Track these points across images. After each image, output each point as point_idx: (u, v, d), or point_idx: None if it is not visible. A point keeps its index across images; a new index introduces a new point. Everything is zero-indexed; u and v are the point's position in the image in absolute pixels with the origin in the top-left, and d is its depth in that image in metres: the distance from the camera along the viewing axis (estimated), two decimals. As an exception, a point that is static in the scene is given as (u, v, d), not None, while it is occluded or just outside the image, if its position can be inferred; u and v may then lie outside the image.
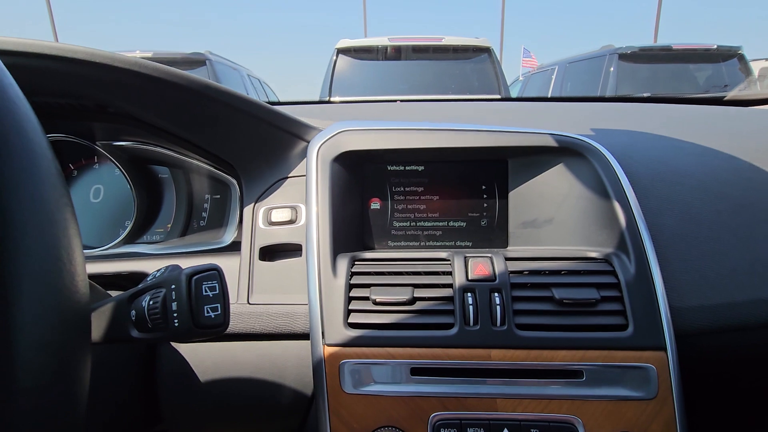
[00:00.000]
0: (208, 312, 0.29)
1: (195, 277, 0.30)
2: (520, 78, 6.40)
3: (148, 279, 0.36)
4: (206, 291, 0.29)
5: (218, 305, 0.30)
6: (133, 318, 0.33)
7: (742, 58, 4.18)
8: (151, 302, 0.31)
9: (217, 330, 0.30)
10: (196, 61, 4.27)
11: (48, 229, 0.20)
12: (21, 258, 0.19)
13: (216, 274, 0.30)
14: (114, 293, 0.57)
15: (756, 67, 4.44)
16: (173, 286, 0.30)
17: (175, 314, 0.29)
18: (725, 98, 1.10)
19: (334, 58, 3.69)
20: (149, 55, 4.17)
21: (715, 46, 4.16)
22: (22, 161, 0.20)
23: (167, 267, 0.35)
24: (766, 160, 0.61)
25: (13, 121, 0.21)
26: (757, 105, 1.03)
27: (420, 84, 3.58)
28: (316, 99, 3.57)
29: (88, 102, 0.53)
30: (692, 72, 4.24)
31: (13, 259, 0.19)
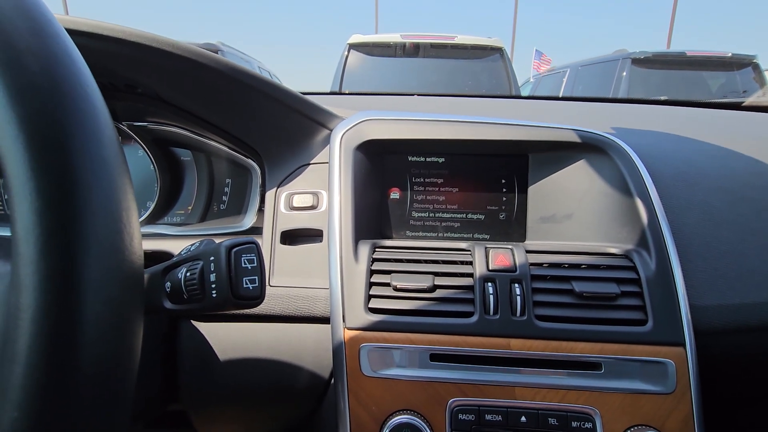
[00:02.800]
0: (246, 284, 0.30)
1: (235, 249, 0.30)
2: (531, 80, 6.37)
3: (183, 252, 0.36)
4: (245, 263, 0.30)
5: (256, 278, 0.30)
6: (168, 290, 0.34)
7: (756, 67, 4.15)
8: (188, 274, 0.32)
9: (255, 302, 0.30)
10: (208, 51, 4.27)
11: (111, 191, 0.21)
12: (88, 217, 0.19)
13: (254, 247, 0.31)
14: None
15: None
16: (212, 258, 0.30)
17: (213, 285, 0.30)
18: (743, 104, 1.09)
19: (346, 53, 3.69)
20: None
21: (730, 54, 4.13)
22: (89, 126, 0.21)
23: (202, 241, 0.36)
24: None
25: (80, 87, 0.21)
26: (776, 112, 1.03)
27: (431, 82, 3.57)
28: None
29: (119, 81, 0.54)
30: (705, 79, 4.21)
31: (81, 218, 0.19)
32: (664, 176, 0.58)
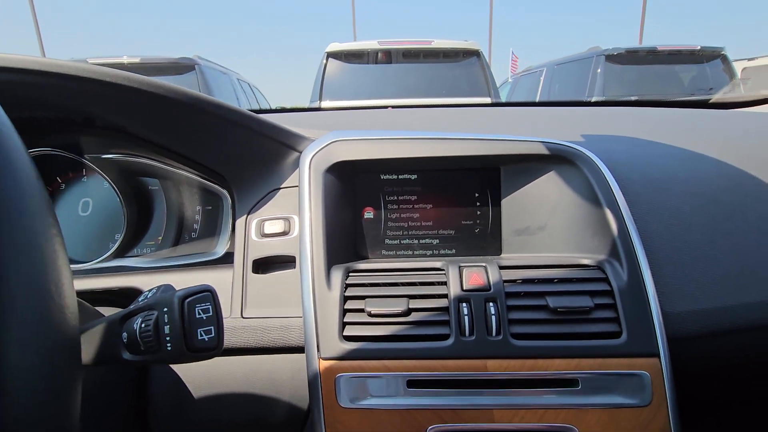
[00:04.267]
0: (201, 335, 0.29)
1: (188, 300, 0.29)
2: (509, 80, 6.46)
3: (140, 300, 0.35)
4: (199, 313, 0.29)
5: (212, 328, 0.29)
6: (125, 340, 0.32)
7: (725, 59, 4.28)
8: (143, 325, 0.31)
9: (211, 353, 0.29)
10: (185, 66, 4.21)
11: (37, 266, 0.20)
12: (10, 292, 0.18)
13: (209, 295, 0.30)
14: (104, 309, 0.57)
15: (738, 68, 4.55)
16: (165, 309, 0.29)
17: (167, 337, 0.29)
18: (710, 101, 1.12)
19: (324, 61, 3.69)
20: (137, 60, 4.11)
21: (699, 47, 4.25)
22: (8, 191, 0.20)
23: (159, 287, 0.35)
24: (755, 165, 0.62)
25: (2, 157, 0.20)
26: (741, 107, 1.06)
27: (410, 87, 3.60)
28: (307, 101, 3.57)
29: (76, 116, 0.52)
30: (677, 72, 4.33)
31: (4, 299, 0.18)
32: (632, 183, 0.58)
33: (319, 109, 1.31)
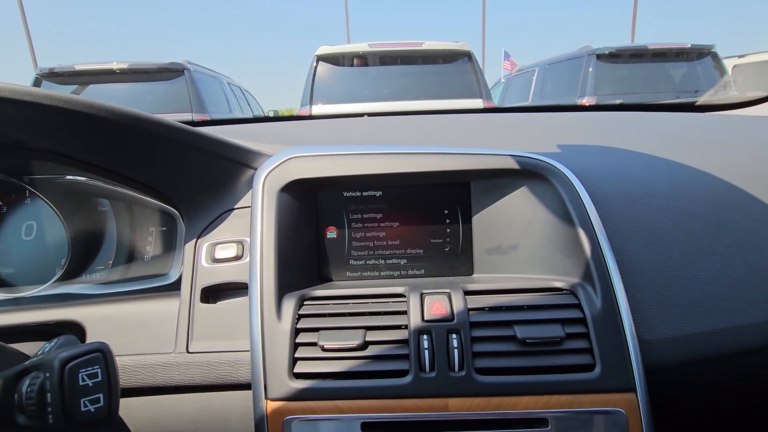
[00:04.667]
0: (85, 405, 0.25)
1: (70, 365, 0.25)
2: (502, 80, 6.44)
3: (38, 353, 0.31)
4: (84, 380, 0.25)
5: (100, 396, 0.25)
6: (16, 402, 0.28)
7: (715, 56, 4.27)
8: (28, 388, 0.26)
9: (99, 425, 0.25)
10: (174, 71, 4.16)
11: None
12: None
13: (99, 357, 0.26)
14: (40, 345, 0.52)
15: (729, 65, 4.54)
16: (47, 374, 0.25)
17: (49, 407, 0.25)
18: (696, 104, 1.09)
19: (314, 65, 3.66)
20: (125, 66, 4.06)
21: (689, 45, 4.24)
22: None
23: (59, 339, 0.31)
24: (740, 176, 0.58)
25: None
26: (727, 110, 1.02)
27: (401, 89, 3.56)
28: (299, 105, 3.52)
29: (2, 138, 0.48)
30: (668, 70, 4.32)
31: None
32: (609, 198, 0.55)
33: (292, 118, 1.27)
